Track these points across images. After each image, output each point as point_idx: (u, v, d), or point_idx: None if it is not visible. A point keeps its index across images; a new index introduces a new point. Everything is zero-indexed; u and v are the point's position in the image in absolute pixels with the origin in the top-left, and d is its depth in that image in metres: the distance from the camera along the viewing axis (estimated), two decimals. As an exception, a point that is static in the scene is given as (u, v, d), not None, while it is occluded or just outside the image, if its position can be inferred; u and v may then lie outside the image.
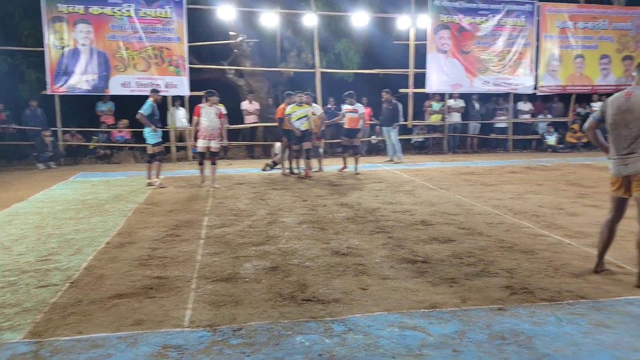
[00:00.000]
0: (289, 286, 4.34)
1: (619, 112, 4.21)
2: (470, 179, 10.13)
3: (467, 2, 14.61)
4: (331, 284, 4.39)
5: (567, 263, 4.89)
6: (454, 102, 15.29)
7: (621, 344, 3.29)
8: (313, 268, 4.81)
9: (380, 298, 4.06)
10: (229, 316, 3.74)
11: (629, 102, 4.16)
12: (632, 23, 15.83)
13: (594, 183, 9.49)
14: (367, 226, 6.40)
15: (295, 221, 6.73)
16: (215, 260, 5.11)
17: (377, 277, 4.55)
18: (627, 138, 4.18)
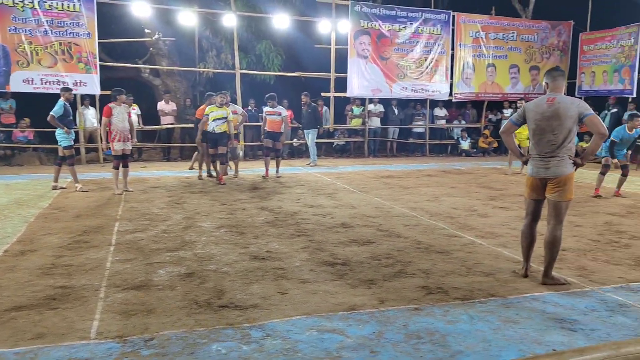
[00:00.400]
0: (205, 293, 4.18)
1: (544, 118, 4.31)
2: (389, 182, 10.34)
3: (387, 9, 14.95)
4: (249, 289, 4.28)
5: (479, 262, 5.07)
6: (374, 107, 15.61)
7: (527, 338, 3.42)
8: (231, 273, 4.67)
9: (300, 302, 4.00)
10: (141, 326, 3.54)
11: (553, 108, 4.28)
12: (538, 36, 16.91)
13: (504, 186, 9.99)
14: (287, 230, 6.32)
15: (213, 225, 6.53)
16: (126, 267, 4.83)
17: (297, 280, 4.49)
18: (552, 143, 4.30)
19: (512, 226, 6.56)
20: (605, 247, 5.64)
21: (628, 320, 3.73)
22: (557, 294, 4.23)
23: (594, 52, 16.49)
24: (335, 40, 14.74)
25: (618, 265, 5.03)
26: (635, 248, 5.62)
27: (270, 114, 10.87)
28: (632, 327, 3.61)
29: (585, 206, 7.97)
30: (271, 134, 10.90)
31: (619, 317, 3.77)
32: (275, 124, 10.85)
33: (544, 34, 16.94)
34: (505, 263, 5.05)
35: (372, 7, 14.79)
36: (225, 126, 9.93)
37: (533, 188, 4.51)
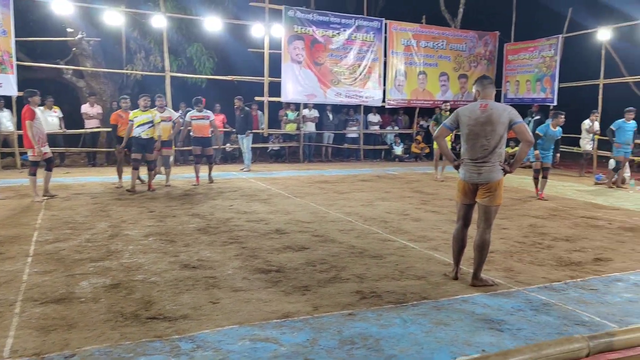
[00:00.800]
0: (132, 304, 3.98)
1: (477, 123, 4.39)
2: (324, 187, 10.36)
3: (320, 15, 15.03)
4: (179, 299, 4.11)
5: (411, 266, 5.13)
6: (309, 112, 15.65)
7: (458, 340, 3.47)
8: (160, 283, 4.47)
9: (232, 311, 3.89)
10: (61, 342, 3.31)
11: (486, 114, 4.38)
12: (466, 45, 17.57)
13: (435, 190, 10.25)
14: (220, 237, 6.16)
15: (141, 234, 6.26)
16: (45, 279, 4.52)
17: (229, 289, 4.37)
18: (484, 148, 4.39)
19: (443, 229, 6.72)
20: (530, 249, 5.88)
21: (551, 318, 3.87)
22: (485, 295, 4.34)
23: (518, 61, 17.33)
24: (269, 44, 14.64)
25: (542, 265, 5.24)
26: (557, 249, 5.89)
27: (197, 118, 10.38)
28: (555, 325, 3.75)
29: (512, 209, 8.30)
30: (200, 140, 10.41)
31: (543, 316, 3.91)
32: (204, 129, 10.40)
33: (471, 43, 17.61)
34: (437, 266, 5.15)
35: (305, 13, 14.82)
36: (152, 131, 9.43)
37: (464, 192, 4.60)
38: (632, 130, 10.71)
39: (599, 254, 5.68)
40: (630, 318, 3.93)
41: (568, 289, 4.55)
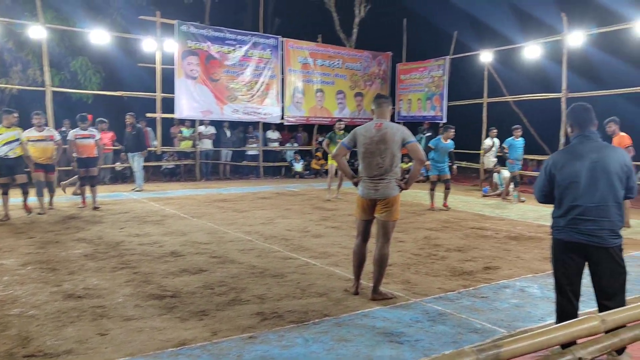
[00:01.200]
0: (7, 342, 3.58)
1: (373, 142, 4.52)
2: (223, 206, 10.09)
3: (215, 31, 14.79)
4: (62, 333, 3.75)
5: (313, 283, 5.08)
6: (205, 128, 15.27)
7: (359, 355, 3.47)
8: (39, 317, 4.06)
9: (123, 342, 3.61)
10: None
11: (381, 133, 4.52)
12: (361, 64, 18.14)
13: (335, 206, 10.36)
14: (109, 262, 5.75)
15: (18, 263, 5.67)
16: None
17: (119, 318, 4.06)
18: (380, 166, 4.51)
19: (344, 245, 6.77)
20: (425, 260, 6.07)
21: (447, 328, 3.99)
22: (385, 309, 4.39)
23: (410, 81, 18.20)
24: (162, 59, 14.13)
25: (437, 276, 5.42)
26: (450, 259, 6.14)
27: (81, 137, 9.53)
28: (450, 335, 3.86)
29: (407, 223, 8.58)
30: (84, 160, 9.52)
31: (440, 326, 4.02)
32: (89, 149, 9.56)
33: (366, 62, 18.23)
34: (338, 282, 5.14)
35: (200, 28, 14.51)
36: (20, 149, 8.52)
37: (363, 208, 4.68)
38: (522, 146, 11.54)
39: (488, 263, 6.00)
40: (517, 322, 4.15)
41: (461, 297, 4.73)
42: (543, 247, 6.84)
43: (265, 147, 16.67)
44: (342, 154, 4.81)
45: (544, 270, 5.71)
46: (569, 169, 3.35)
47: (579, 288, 3.46)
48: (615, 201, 3.29)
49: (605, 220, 3.27)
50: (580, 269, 3.42)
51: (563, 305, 3.49)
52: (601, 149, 3.35)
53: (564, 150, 3.52)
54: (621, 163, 3.30)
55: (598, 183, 3.28)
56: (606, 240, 3.28)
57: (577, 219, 3.31)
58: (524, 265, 5.91)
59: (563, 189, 3.38)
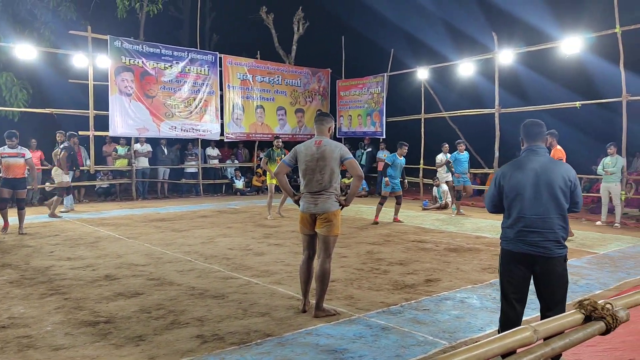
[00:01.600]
0: None
1: (313, 159, 4.61)
2: (161, 226, 9.77)
3: (150, 47, 14.45)
4: (-18, 368, 3.44)
5: (255, 303, 4.96)
6: (141, 146, 14.81)
7: (304, 376, 3.38)
8: (-45, 352, 3.71)
9: (50, 375, 3.35)
10: None
11: (320, 150, 4.61)
12: (301, 81, 18.23)
13: (277, 223, 10.25)
14: (37, 289, 5.39)
15: None
16: None
17: (48, 348, 3.81)
18: (319, 182, 4.59)
19: (287, 262, 6.68)
20: (368, 275, 6.07)
21: (390, 342, 3.98)
22: (328, 325, 4.33)
23: (350, 97, 18.46)
24: (94, 75, 13.64)
25: (379, 290, 5.42)
26: (392, 273, 6.17)
27: (9, 155, 8.93)
28: (394, 348, 3.85)
29: (350, 238, 8.59)
30: (11, 181, 8.92)
31: (383, 341, 4.00)
32: (17, 168, 8.97)
33: (306, 79, 18.33)
34: (281, 300, 5.05)
35: (134, 44, 14.14)
36: None
37: (304, 223, 4.71)
38: (467, 160, 11.86)
39: (429, 275, 6.08)
40: (458, 333, 4.20)
41: (404, 311, 4.74)
42: (481, 258, 7.02)
43: (205, 164, 16.34)
44: (283, 171, 4.84)
45: (483, 280, 5.85)
46: (515, 180, 3.46)
47: (525, 297, 3.54)
48: (558, 214, 3.39)
49: (549, 231, 3.37)
50: (526, 278, 3.50)
51: (508, 313, 3.55)
52: (546, 163, 3.47)
53: (513, 163, 3.63)
54: (565, 178, 3.41)
55: (542, 196, 3.38)
56: (551, 250, 3.37)
57: (524, 231, 3.40)
58: (463, 277, 6.02)
59: (510, 200, 3.48)
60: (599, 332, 1.85)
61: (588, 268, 6.43)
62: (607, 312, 1.86)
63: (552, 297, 3.42)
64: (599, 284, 5.76)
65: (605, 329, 1.85)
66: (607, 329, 1.85)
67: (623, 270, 6.41)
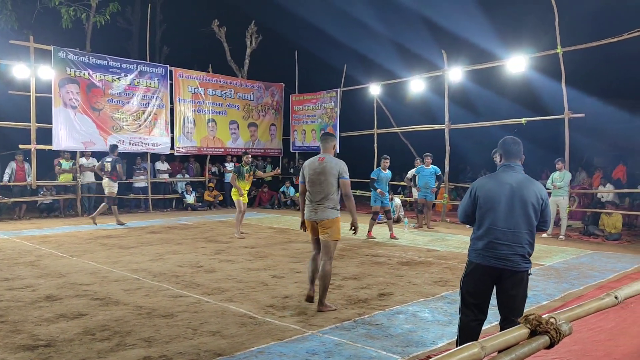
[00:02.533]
0: None
1: (315, 173, 5.27)
2: (107, 243, 9.42)
3: (97, 59, 14.06)
4: None
5: (205, 322, 4.83)
6: (87, 160, 14.29)
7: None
8: None
9: (-18, 406, 3.13)
10: None
11: (322, 165, 5.26)
12: (254, 94, 18.13)
13: (229, 239, 10.07)
14: (-31, 312, 5.06)
15: None
16: None
17: (-20, 377, 3.55)
18: (319, 193, 5.23)
19: (239, 279, 6.56)
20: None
21: (343, 358, 3.95)
22: (281, 343, 4.26)
23: (303, 112, 18.50)
24: (36, 87, 13.11)
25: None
26: (346, 288, 6.15)
27: None
28: (348, 365, 3.82)
29: (304, 253, 8.52)
30: None
31: (336, 357, 3.96)
32: None
33: (259, 93, 18.26)
34: (232, 318, 4.93)
35: (79, 55, 13.71)
36: None
37: (310, 229, 5.40)
38: (431, 174, 11.83)
39: (382, 290, 6.09)
40: (410, 348, 4.21)
41: (357, 326, 4.72)
42: (433, 272, 7.11)
43: (154, 178, 15.93)
44: (303, 191, 5.47)
45: (434, 294, 5.91)
46: (491, 193, 3.61)
47: (486, 306, 3.66)
48: (528, 229, 3.53)
49: (518, 245, 3.50)
50: (490, 290, 3.64)
51: (468, 322, 3.66)
52: (521, 180, 3.62)
53: (490, 176, 3.80)
54: (538, 196, 3.57)
55: (514, 210, 3.52)
56: (518, 264, 3.50)
57: (494, 243, 3.52)
58: (415, 290, 6.07)
59: (484, 212, 3.61)
60: (544, 346, 1.90)
61: (535, 279, 6.61)
62: (551, 327, 1.91)
63: (513, 310, 3.52)
64: (545, 295, 5.93)
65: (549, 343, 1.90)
66: (552, 343, 1.90)
67: (567, 281, 6.63)
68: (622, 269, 7.45)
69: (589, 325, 4.67)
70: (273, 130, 18.81)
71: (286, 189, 17.24)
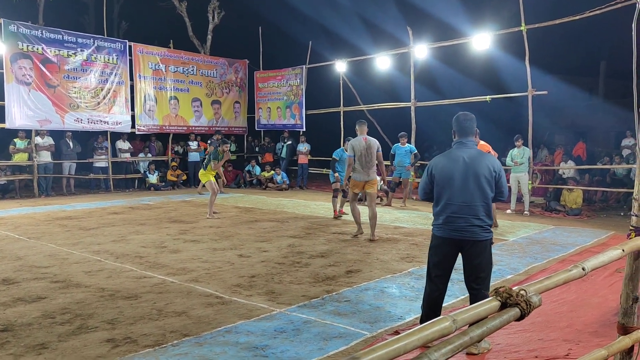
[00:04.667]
0: None
1: (363, 149, 7.58)
2: (66, 224, 9.13)
3: (51, 33, 13.46)
4: None
5: (170, 302, 4.73)
6: (42, 139, 13.75)
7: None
8: None
9: None
10: None
11: (367, 144, 7.60)
12: (217, 71, 17.72)
13: (194, 219, 9.90)
14: None
15: None
16: None
17: None
18: (368, 162, 7.59)
19: (204, 259, 6.45)
20: (289, 269, 5.99)
21: (312, 335, 3.93)
22: (248, 322, 4.21)
23: (268, 89, 18.22)
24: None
25: (301, 284, 5.36)
26: (313, 266, 6.13)
27: None
28: (315, 341, 3.81)
29: (271, 232, 8.46)
30: None
31: (305, 334, 3.94)
32: None
33: (222, 70, 17.86)
34: (198, 299, 4.85)
35: (32, 29, 13.10)
36: None
37: (358, 187, 7.72)
38: (405, 152, 11.82)
39: (350, 267, 6.09)
40: (379, 323, 4.22)
41: (325, 303, 4.71)
42: (400, 248, 7.16)
43: (115, 158, 15.50)
44: (350, 162, 7.76)
45: (402, 270, 5.95)
46: (446, 170, 3.75)
47: (448, 277, 3.86)
48: (483, 201, 3.68)
49: (474, 217, 3.65)
50: (452, 261, 3.81)
51: (432, 292, 3.85)
52: (474, 154, 3.75)
53: (444, 154, 3.92)
54: (490, 168, 3.70)
55: (469, 184, 3.66)
56: (477, 234, 3.66)
57: (452, 217, 3.68)
58: (383, 267, 6.10)
59: (441, 188, 3.76)
60: (514, 318, 1.90)
61: (499, 254, 6.73)
62: (521, 299, 1.91)
63: (478, 279, 3.72)
64: (509, 269, 6.04)
65: (520, 315, 1.90)
66: (522, 315, 1.90)
67: (530, 256, 6.78)
68: (583, 243, 7.67)
69: (552, 298, 4.77)
70: (237, 108, 18.49)
71: (252, 168, 17.06)
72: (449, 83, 16.77)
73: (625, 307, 3.01)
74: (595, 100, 21.46)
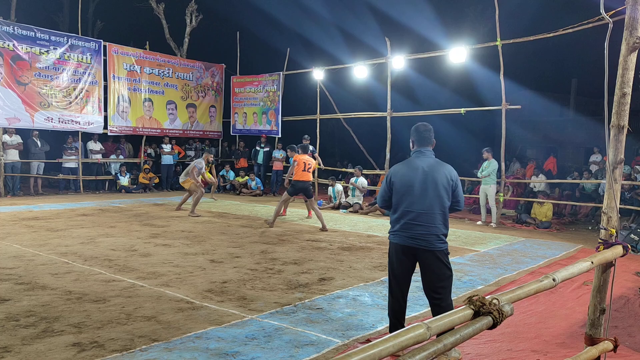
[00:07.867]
0: None
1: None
2: (33, 225, 8.90)
3: (24, 29, 13.17)
4: None
5: (140, 307, 4.64)
6: (10, 138, 13.40)
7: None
8: None
9: None
10: None
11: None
12: (193, 75, 17.57)
13: (166, 222, 9.77)
14: None
15: None
16: None
17: None
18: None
19: (175, 263, 6.36)
20: (262, 275, 5.94)
21: (283, 342, 3.89)
22: (219, 328, 4.15)
23: (245, 94, 18.13)
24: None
25: (273, 290, 5.32)
26: (286, 273, 6.09)
27: None
28: (287, 349, 3.78)
29: (244, 237, 8.40)
30: None
31: (276, 341, 3.90)
32: None
33: (198, 73, 17.73)
34: (169, 303, 4.76)
35: (3, 25, 12.80)
36: None
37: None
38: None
39: (323, 274, 6.08)
40: (351, 331, 4.21)
41: (297, 310, 4.68)
42: (373, 257, 7.17)
43: (86, 159, 15.20)
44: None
45: (374, 278, 5.96)
46: (406, 178, 3.79)
47: (407, 288, 3.88)
48: (440, 210, 3.73)
49: (432, 226, 3.69)
50: (410, 270, 3.83)
51: (393, 305, 3.88)
52: (432, 163, 3.81)
53: (403, 163, 3.96)
54: (448, 177, 3.76)
55: (427, 192, 3.71)
56: (433, 244, 3.68)
57: (409, 224, 3.71)
58: (356, 275, 6.10)
59: (400, 196, 3.80)
60: (487, 326, 1.92)
61: (470, 265, 6.80)
62: (494, 307, 1.94)
63: (437, 285, 3.72)
64: (480, 280, 6.11)
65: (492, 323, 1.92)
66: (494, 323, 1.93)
67: (501, 267, 6.87)
68: (552, 256, 7.81)
69: (521, 309, 4.84)
70: (213, 112, 18.37)
71: (226, 173, 16.93)
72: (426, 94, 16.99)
73: (593, 318, 3.08)
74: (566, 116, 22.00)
